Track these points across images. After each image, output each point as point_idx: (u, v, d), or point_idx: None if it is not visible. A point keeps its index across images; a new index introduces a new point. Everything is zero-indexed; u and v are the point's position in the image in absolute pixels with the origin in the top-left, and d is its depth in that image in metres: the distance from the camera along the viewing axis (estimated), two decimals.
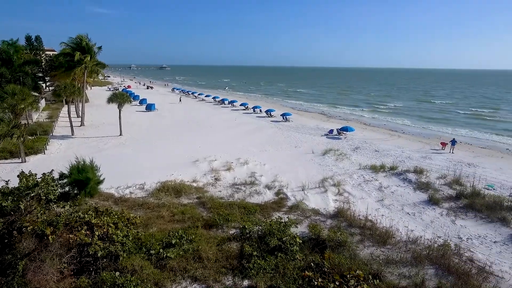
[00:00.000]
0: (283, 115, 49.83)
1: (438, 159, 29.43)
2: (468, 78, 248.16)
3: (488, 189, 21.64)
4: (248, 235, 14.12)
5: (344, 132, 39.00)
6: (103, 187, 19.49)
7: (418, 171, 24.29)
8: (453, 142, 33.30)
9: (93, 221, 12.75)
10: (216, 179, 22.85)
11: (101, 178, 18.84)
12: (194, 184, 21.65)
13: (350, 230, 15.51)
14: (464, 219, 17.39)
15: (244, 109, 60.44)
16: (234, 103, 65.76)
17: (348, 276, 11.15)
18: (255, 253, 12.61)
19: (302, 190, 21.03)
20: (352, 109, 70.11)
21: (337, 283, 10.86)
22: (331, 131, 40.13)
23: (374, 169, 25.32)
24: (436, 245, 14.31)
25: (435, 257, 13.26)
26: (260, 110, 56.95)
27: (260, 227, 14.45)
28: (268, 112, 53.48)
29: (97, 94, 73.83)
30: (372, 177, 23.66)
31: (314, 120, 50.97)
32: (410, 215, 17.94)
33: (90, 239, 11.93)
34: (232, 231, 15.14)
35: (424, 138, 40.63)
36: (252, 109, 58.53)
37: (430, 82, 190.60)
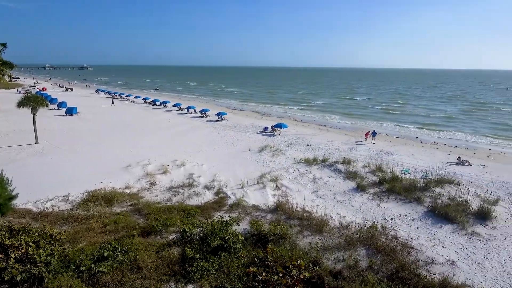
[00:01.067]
0: (218, 114, 49.57)
1: (362, 150, 32.26)
2: (385, 76, 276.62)
3: (404, 173, 24.41)
4: (189, 238, 13.70)
5: (278, 129, 40.34)
6: (18, 203, 17.02)
7: (346, 162, 26.29)
8: (374, 133, 36.82)
9: (6, 242, 11.07)
10: (151, 183, 21.73)
11: (14, 193, 16.46)
12: (127, 191, 20.28)
13: (289, 222, 16.10)
14: (387, 202, 19.32)
15: (177, 110, 58.64)
16: (166, 104, 63.34)
17: (290, 266, 11.52)
18: (197, 255, 12.27)
19: (242, 187, 21.17)
20: (283, 107, 73.04)
21: (280, 275, 11.15)
22: (266, 128, 41.19)
23: (308, 162, 26.69)
24: (365, 228, 15.63)
25: (365, 239, 14.48)
26: (195, 110, 55.84)
27: (202, 229, 14.13)
28: (203, 112, 52.70)
29: (4, 98, 64.51)
30: (307, 170, 24.90)
31: (249, 119, 51.75)
32: (341, 203, 19.31)
33: (4, 263, 10.34)
34: (172, 236, 14.55)
35: (350, 131, 44.21)
36: (186, 110, 57.08)
37: (353, 80, 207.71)
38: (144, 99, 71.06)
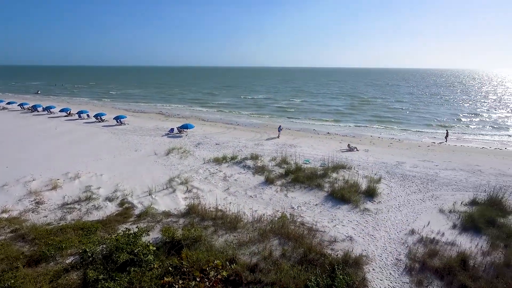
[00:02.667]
0: (116, 118, 45.41)
1: (268, 145, 33.87)
2: (282, 75, 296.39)
3: (306, 163, 26.54)
4: (91, 259, 12.13)
5: (184, 129, 39.25)
6: None
7: (254, 157, 27.19)
8: (279, 128, 39.28)
9: None
10: (37, 202, 18.54)
11: None
12: (5, 215, 16.88)
13: (203, 224, 15.77)
14: (293, 191, 20.66)
15: (66, 116, 51.56)
16: (51, 109, 54.89)
17: (207, 269, 11.27)
18: (101, 276, 10.93)
19: (149, 194, 19.83)
20: (188, 107, 71.82)
21: (198, 279, 10.80)
22: (171, 130, 39.61)
23: (217, 161, 26.66)
24: (276, 218, 16.42)
25: (276, 229, 15.18)
26: (88, 115, 50.09)
27: (105, 245, 12.68)
28: (98, 117, 47.57)
29: None
30: (217, 169, 24.84)
31: (153, 121, 49.01)
32: (253, 198, 19.87)
33: None
34: (70, 259, 12.68)
35: (255, 128, 45.94)
36: (77, 115, 50.71)
37: (253, 79, 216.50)
38: (21, 105, 60.29)
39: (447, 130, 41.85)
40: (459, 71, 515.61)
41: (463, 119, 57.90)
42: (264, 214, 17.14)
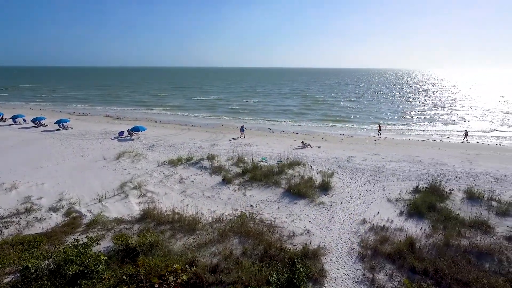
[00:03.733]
0: (58, 122, 41.95)
1: (224, 145, 33.64)
2: (234, 75, 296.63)
3: (262, 161, 26.80)
4: (34, 275, 11.03)
5: (135, 132, 37.51)
6: None
7: (211, 158, 26.83)
8: (242, 128, 39.30)
9: None
10: None
11: None
12: None
13: (160, 228, 15.19)
14: (251, 190, 20.73)
15: None
16: None
17: (166, 274, 10.83)
18: None
19: (99, 201, 18.61)
20: (138, 108, 69.08)
21: (156, 286, 10.33)
22: (121, 133, 37.60)
23: (173, 163, 25.86)
24: (235, 217, 16.35)
25: (236, 228, 15.11)
26: (24, 120, 45.76)
27: (52, 259, 11.62)
28: (37, 121, 43.57)
29: None
30: (172, 171, 24.08)
31: (100, 124, 46.15)
32: (210, 198, 19.57)
33: None
34: (9, 278, 11.44)
35: (210, 128, 45.44)
36: (11, 120, 46.06)
37: (206, 80, 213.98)
38: None
39: (379, 125, 45.91)
40: (399, 71, 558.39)
41: (404, 115, 62.71)
42: (223, 214, 16.97)
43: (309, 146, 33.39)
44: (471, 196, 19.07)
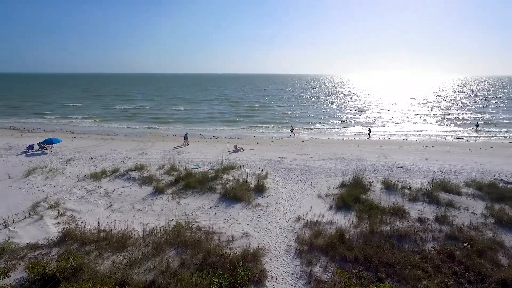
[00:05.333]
0: None
1: (153, 153, 31.94)
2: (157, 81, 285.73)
3: (196, 168, 26.11)
4: None
5: (48, 145, 33.34)
6: None
7: (140, 168, 25.16)
8: (186, 136, 37.81)
9: None
10: None
11: None
12: None
13: (84, 250, 13.59)
14: (185, 198, 19.97)
15: None
16: None
17: None
18: None
19: (6, 227, 15.92)
20: (50, 118, 62.00)
21: None
22: (30, 146, 32.97)
23: (96, 176, 23.57)
24: (170, 228, 15.51)
25: (172, 239, 14.34)
26: None
27: None
28: None
29: None
30: (96, 186, 21.92)
31: (3, 138, 39.96)
32: (142, 211, 18.29)
33: None
34: None
35: (138, 137, 42.80)
36: None
37: (125, 86, 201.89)
38: None
39: (292, 126, 49.12)
40: (319, 76, 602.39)
41: (327, 117, 67.63)
42: (156, 226, 15.96)
43: (242, 150, 33.68)
44: (388, 186, 21.25)
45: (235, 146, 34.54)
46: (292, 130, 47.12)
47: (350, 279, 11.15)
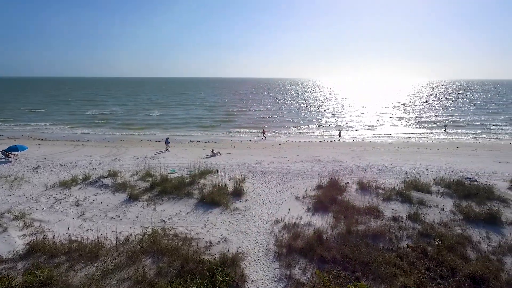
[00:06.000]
0: None
1: (126, 159, 31.00)
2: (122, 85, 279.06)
3: (172, 173, 25.58)
4: None
5: (13, 152, 31.54)
6: None
7: (113, 174, 24.30)
8: (167, 141, 36.75)
9: None
10: None
11: None
12: None
13: (53, 262, 12.88)
14: (162, 204, 19.47)
15: None
16: None
17: None
18: None
19: None
20: (13, 124, 58.84)
21: None
22: None
23: (65, 184, 22.51)
24: (146, 236, 15.04)
25: (148, 247, 13.90)
26: None
27: None
28: None
29: None
30: (65, 194, 20.93)
31: None
32: (115, 219, 17.62)
33: None
34: None
35: (110, 143, 41.43)
36: None
37: (95, 91, 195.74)
38: None
39: (263, 129, 49.36)
40: (295, 80, 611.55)
41: (303, 120, 68.61)
42: (131, 234, 15.42)
43: (218, 154, 33.41)
44: (363, 187, 21.77)
45: (212, 150, 34.23)
46: (264, 133, 47.34)
47: (329, 280, 11.27)
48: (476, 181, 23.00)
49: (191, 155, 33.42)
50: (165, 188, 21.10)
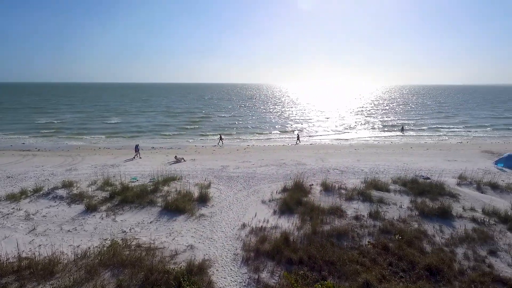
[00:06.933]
0: None
1: (83, 168, 29.27)
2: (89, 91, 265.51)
3: (133, 181, 24.54)
4: None
5: None
6: None
7: (68, 185, 22.77)
8: (136, 148, 34.98)
9: None
10: None
11: None
12: None
13: (1, 283, 11.73)
14: (122, 214, 18.54)
15: None
16: None
17: None
18: None
19: None
20: None
21: None
22: None
23: (13, 198, 20.70)
24: (105, 248, 14.21)
25: (107, 260, 13.13)
26: None
27: None
28: None
29: None
30: (13, 208, 19.23)
31: None
32: (72, 232, 16.49)
33: None
34: None
35: (65, 152, 38.97)
36: None
37: (53, 96, 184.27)
38: None
39: (220, 135, 49.39)
40: (260, 85, 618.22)
41: (268, 124, 69.37)
42: (89, 248, 14.48)
43: (182, 160, 32.68)
44: (326, 188, 22.36)
45: (175, 156, 33.39)
46: (221, 138, 47.16)
47: (297, 281, 11.36)
48: (429, 178, 24.56)
49: (154, 162, 32.34)
50: (126, 197, 20.15)
